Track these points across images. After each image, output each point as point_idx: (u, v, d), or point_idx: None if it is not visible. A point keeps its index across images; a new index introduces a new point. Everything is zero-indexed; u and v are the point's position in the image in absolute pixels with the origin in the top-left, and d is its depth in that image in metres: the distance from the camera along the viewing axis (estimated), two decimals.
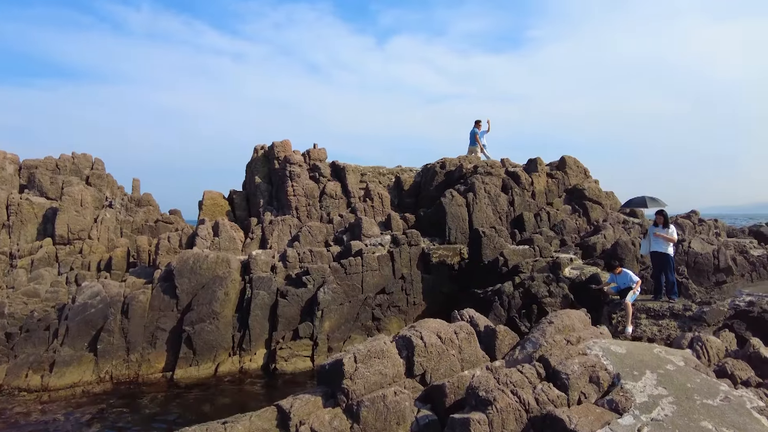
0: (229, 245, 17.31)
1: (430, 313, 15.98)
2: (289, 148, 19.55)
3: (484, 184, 18.39)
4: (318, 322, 14.47)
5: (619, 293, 12.49)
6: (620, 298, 12.48)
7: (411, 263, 16.26)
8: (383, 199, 19.20)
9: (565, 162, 21.57)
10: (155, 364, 13.55)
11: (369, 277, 15.64)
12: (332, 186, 19.20)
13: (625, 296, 12.18)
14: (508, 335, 7.22)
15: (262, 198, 19.36)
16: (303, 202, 18.58)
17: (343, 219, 18.38)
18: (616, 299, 12.88)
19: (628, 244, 16.20)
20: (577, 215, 20.17)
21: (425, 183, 20.33)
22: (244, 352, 14.20)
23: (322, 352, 14.48)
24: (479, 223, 17.55)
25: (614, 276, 12.44)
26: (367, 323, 15.26)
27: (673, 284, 13.08)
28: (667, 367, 6.07)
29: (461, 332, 6.76)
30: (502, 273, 15.04)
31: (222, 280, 14.61)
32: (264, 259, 15.63)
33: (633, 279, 12.08)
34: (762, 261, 16.62)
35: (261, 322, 14.48)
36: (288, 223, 17.98)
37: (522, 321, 13.52)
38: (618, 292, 12.56)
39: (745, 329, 11.96)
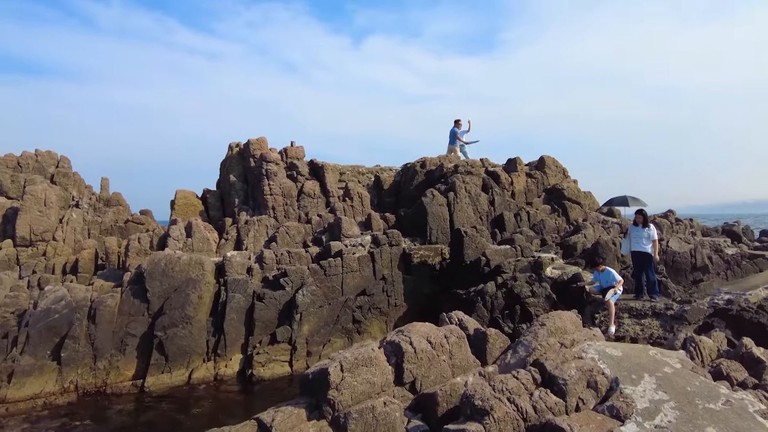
0: (203, 246, 16.66)
1: (411, 314, 15.68)
2: (266, 146, 18.96)
3: (464, 183, 18.20)
4: (296, 325, 13.99)
5: (602, 292, 12.42)
6: (602, 297, 12.42)
7: (392, 264, 15.93)
8: (363, 198, 18.81)
9: (544, 162, 21.60)
10: (124, 372, 12.85)
11: (349, 279, 15.24)
12: (310, 185, 18.71)
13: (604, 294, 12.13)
14: (499, 338, 6.94)
15: (238, 197, 18.73)
16: (280, 202, 18.04)
17: (321, 219, 17.92)
18: (598, 298, 12.83)
19: (608, 244, 16.22)
20: (556, 215, 20.18)
21: (405, 182, 20.04)
22: (219, 358, 13.62)
23: (300, 357, 14.01)
24: (460, 222, 17.34)
25: (598, 274, 12.36)
26: (348, 326, 14.85)
27: (654, 283, 13.14)
28: (664, 369, 5.87)
29: (452, 336, 6.44)
30: (484, 273, 14.84)
31: (195, 282, 13.99)
32: (239, 261, 15.06)
33: (616, 278, 12.03)
34: (736, 259, 16.87)
35: (237, 326, 13.91)
36: (264, 224, 17.43)
37: (505, 321, 13.34)
38: (600, 291, 12.50)
39: (725, 327, 12.08)
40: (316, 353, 14.22)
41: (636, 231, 12.91)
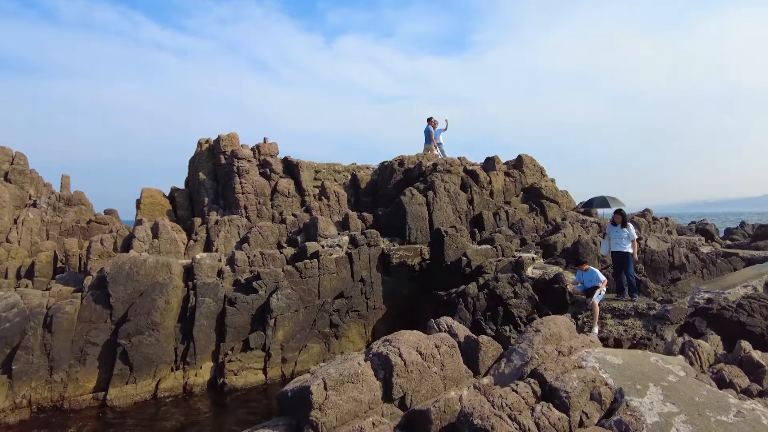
0: (171, 248, 15.78)
1: (390, 316, 15.21)
2: (237, 142, 18.15)
3: (443, 182, 17.82)
4: (271, 331, 13.31)
5: (585, 292, 12.20)
6: (586, 297, 12.20)
7: (370, 265, 15.40)
8: (340, 197, 18.21)
9: (522, 161, 21.44)
10: (84, 384, 11.94)
11: (326, 281, 14.64)
12: (285, 183, 18.00)
13: (590, 295, 11.93)
14: (491, 346, 6.51)
15: (207, 196, 17.86)
16: (252, 201, 17.27)
17: (297, 219, 17.25)
18: (582, 299, 12.63)
19: (589, 243, 16.08)
20: (534, 214, 20.02)
21: (383, 181, 19.53)
22: (188, 367, 12.83)
23: (275, 364, 13.35)
24: (439, 222, 16.95)
25: (581, 273, 12.11)
26: (325, 330, 14.25)
27: (633, 283, 13.07)
28: (669, 378, 5.54)
29: (443, 345, 5.97)
30: (465, 274, 14.48)
31: (162, 286, 13.16)
32: (209, 263, 14.28)
33: (600, 278, 11.81)
34: (711, 258, 16.99)
35: (207, 332, 13.15)
36: (236, 224, 16.65)
37: (487, 323, 12.99)
38: (584, 292, 12.28)
39: (706, 326, 12.02)
40: (291, 360, 13.58)
41: (615, 231, 12.77)
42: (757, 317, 11.96)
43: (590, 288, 11.95)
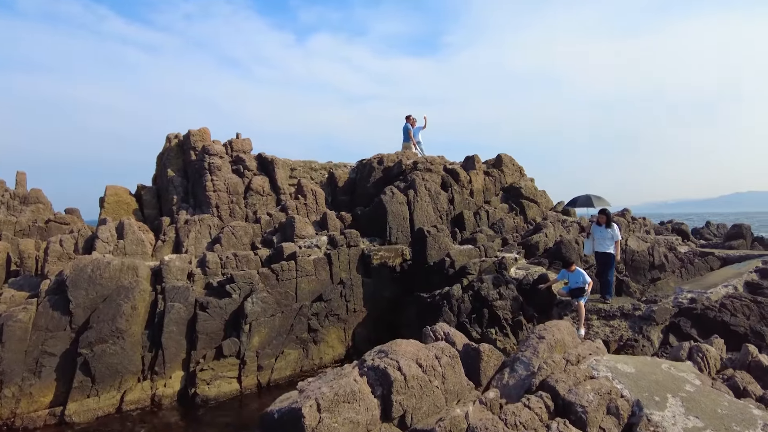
0: (137, 249, 14.81)
1: (371, 320, 14.67)
2: (208, 138, 17.24)
3: (424, 181, 17.36)
4: (245, 337, 12.56)
5: (570, 293, 11.90)
6: (571, 298, 11.91)
7: (350, 266, 14.81)
8: (317, 196, 17.52)
9: (502, 160, 21.21)
10: (40, 399, 10.94)
11: (304, 284, 13.97)
12: (259, 181, 17.19)
13: (576, 296, 11.65)
14: (493, 355, 6.03)
15: (176, 194, 16.89)
16: (225, 199, 16.42)
17: (272, 218, 16.49)
18: (566, 300, 12.39)
19: (571, 243, 15.91)
20: (514, 214, 19.80)
21: (361, 179, 18.94)
22: (156, 377, 11.96)
23: (250, 372, 12.61)
24: (420, 222, 16.49)
25: (567, 273, 11.80)
26: (303, 335, 13.58)
27: (610, 284, 12.91)
28: (686, 388, 5.18)
29: (443, 356, 5.46)
30: (448, 275, 14.06)
31: (128, 291, 12.25)
32: (179, 266, 13.42)
33: (586, 279, 11.55)
34: (689, 257, 17.08)
35: (177, 339, 12.30)
36: (207, 223, 15.78)
37: (473, 326, 12.59)
38: (569, 293, 11.99)
39: (690, 327, 11.94)
40: (267, 367, 12.86)
41: (599, 231, 12.57)
42: (740, 317, 11.94)
43: (575, 289, 11.67)
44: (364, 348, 14.55)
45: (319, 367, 13.74)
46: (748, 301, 12.42)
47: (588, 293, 11.73)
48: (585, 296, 11.64)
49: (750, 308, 12.22)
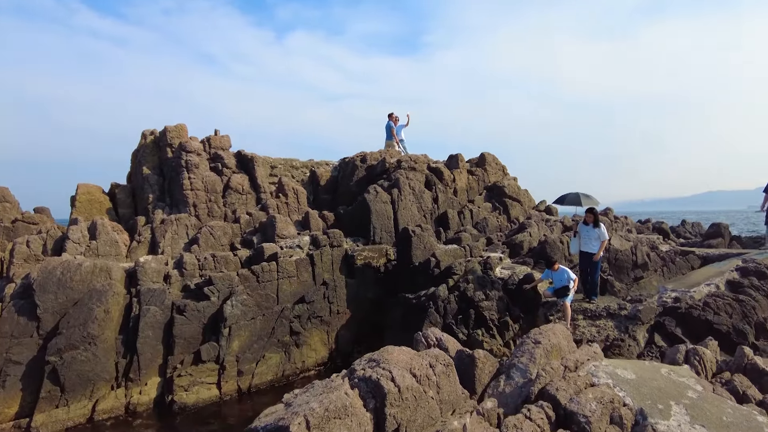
0: (110, 250, 14.19)
1: (355, 321, 14.35)
2: (185, 134, 16.65)
3: (408, 179, 17.10)
4: (225, 341, 12.12)
5: (555, 293, 11.76)
6: (556, 297, 11.77)
7: (333, 267, 14.45)
8: (299, 194, 17.10)
9: (485, 159, 21.09)
10: (4, 410, 10.30)
11: (285, 285, 13.56)
12: (238, 179, 16.68)
13: (561, 296, 11.51)
14: (488, 362, 5.78)
15: (152, 192, 16.29)
16: (202, 198, 15.88)
17: (252, 218, 16.01)
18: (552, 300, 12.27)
19: (556, 242, 15.84)
20: (497, 213, 19.71)
21: (344, 178, 18.58)
22: (131, 384, 11.43)
23: (230, 377, 12.17)
24: (405, 221, 16.23)
25: (551, 272, 11.65)
26: (285, 339, 13.18)
27: (596, 285, 12.87)
28: (689, 394, 5.01)
29: (438, 365, 5.18)
30: (433, 275, 13.82)
31: (101, 294, 11.69)
32: (155, 267, 12.89)
33: (571, 276, 11.40)
34: (670, 256, 17.18)
35: (153, 344, 11.79)
36: (184, 223, 15.22)
37: (459, 327, 12.37)
38: (554, 292, 11.85)
39: (675, 326, 11.94)
40: (248, 372, 12.44)
41: (586, 230, 12.48)
42: (723, 315, 11.99)
43: (560, 288, 11.53)
44: (347, 350, 14.25)
45: (302, 371, 13.37)
46: (731, 300, 12.49)
47: (574, 291, 11.58)
48: (571, 294, 11.51)
49: (732, 307, 12.28)
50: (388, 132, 21.07)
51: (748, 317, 12.30)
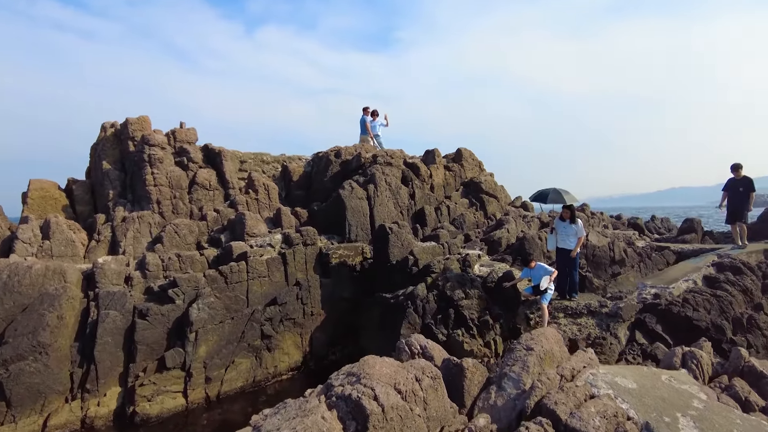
0: (66, 251, 13.23)
1: (330, 323, 13.76)
2: (149, 127, 15.69)
3: (384, 175, 16.56)
4: (191, 346, 11.38)
5: (535, 291, 11.39)
6: (535, 295, 11.40)
7: (307, 266, 13.82)
8: (270, 190, 16.36)
9: (462, 154, 20.73)
10: None
11: (256, 286, 12.88)
12: (205, 174, 15.83)
13: (539, 293, 11.13)
14: (477, 371, 5.32)
15: (112, 188, 15.30)
16: (167, 194, 14.99)
17: (220, 215, 15.22)
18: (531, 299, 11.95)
19: (534, 239, 15.59)
20: (474, 209, 19.39)
21: (317, 173, 17.92)
22: (88, 395, 10.59)
23: (197, 385, 11.43)
24: (381, 218, 15.70)
25: (529, 270, 11.30)
26: (255, 343, 12.50)
27: (575, 283, 12.67)
28: (694, 404, 4.65)
29: (424, 378, 4.68)
30: (412, 273, 13.36)
31: (54, 298, 10.78)
32: (115, 268, 12.03)
33: (548, 269, 11.05)
34: (647, 252, 17.16)
35: (112, 352, 10.96)
36: (147, 221, 14.34)
37: (438, 328, 11.95)
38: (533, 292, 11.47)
39: (655, 323, 11.81)
40: (216, 379, 11.73)
41: (563, 227, 12.24)
42: (702, 311, 11.92)
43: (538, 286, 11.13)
44: (322, 353, 13.66)
45: (274, 376, 12.72)
46: (709, 296, 12.44)
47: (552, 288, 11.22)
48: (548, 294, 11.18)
49: (710, 302, 12.23)
50: (362, 127, 20.50)
51: (726, 313, 12.27)
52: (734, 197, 14.43)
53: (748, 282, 13.91)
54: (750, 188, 14.27)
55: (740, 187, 14.33)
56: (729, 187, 14.56)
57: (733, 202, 14.48)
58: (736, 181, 14.35)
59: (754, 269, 14.57)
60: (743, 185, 14.28)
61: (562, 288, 12.51)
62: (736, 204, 14.45)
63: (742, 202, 14.33)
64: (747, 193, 14.29)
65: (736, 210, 14.53)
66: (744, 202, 14.33)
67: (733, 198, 14.46)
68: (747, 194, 14.28)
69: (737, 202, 14.41)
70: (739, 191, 14.36)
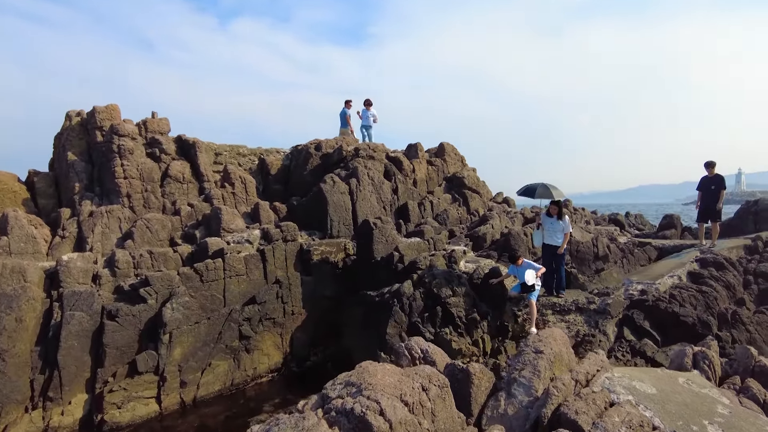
0: (26, 247, 12.30)
1: (311, 322, 13.23)
2: (118, 116, 14.78)
3: (367, 169, 16.06)
4: (165, 349, 10.69)
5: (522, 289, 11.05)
6: (523, 292, 11.06)
7: (287, 263, 13.23)
8: (247, 184, 15.66)
9: (444, 149, 20.40)
10: None
11: (233, 285, 12.23)
12: (178, 166, 15.02)
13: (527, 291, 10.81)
14: (484, 377, 4.90)
15: (79, 181, 14.36)
16: (138, 187, 14.15)
17: (194, 209, 14.48)
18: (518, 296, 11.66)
19: (520, 234, 15.35)
20: (457, 204, 19.08)
21: (297, 167, 17.28)
22: (51, 404, 9.81)
23: (172, 389, 10.76)
24: (364, 213, 15.20)
25: (515, 268, 10.97)
26: (233, 344, 11.86)
27: (562, 279, 12.46)
28: (719, 410, 4.35)
29: (431, 387, 4.23)
30: (397, 270, 12.91)
31: (12, 299, 9.96)
32: (81, 266, 11.23)
33: (536, 266, 10.74)
34: (629, 247, 17.15)
35: (78, 356, 10.19)
36: (117, 215, 13.51)
37: (425, 326, 11.55)
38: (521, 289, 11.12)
39: (643, 319, 11.68)
40: (192, 383, 11.07)
41: (550, 222, 12.01)
42: (688, 307, 11.86)
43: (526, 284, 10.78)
44: (303, 354, 13.11)
45: (253, 379, 12.12)
46: (695, 291, 12.40)
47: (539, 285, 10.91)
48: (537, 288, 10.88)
49: (696, 298, 12.19)
50: (342, 119, 19.95)
51: (711, 308, 12.24)
52: (707, 196, 14.14)
53: (730, 277, 13.97)
54: (721, 186, 14.02)
55: (712, 185, 14.11)
56: (702, 186, 14.23)
57: (706, 200, 14.19)
58: (709, 179, 14.02)
59: (736, 264, 14.66)
60: (715, 183, 13.99)
61: (548, 285, 12.29)
62: (708, 202, 14.17)
63: (714, 200, 14.03)
64: (718, 191, 14.11)
65: (709, 208, 14.24)
66: (716, 200, 14.01)
67: (706, 196, 14.16)
68: (719, 192, 14.10)
69: (709, 201, 14.12)
70: (711, 189, 14.11)
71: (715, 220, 14.55)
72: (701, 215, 14.72)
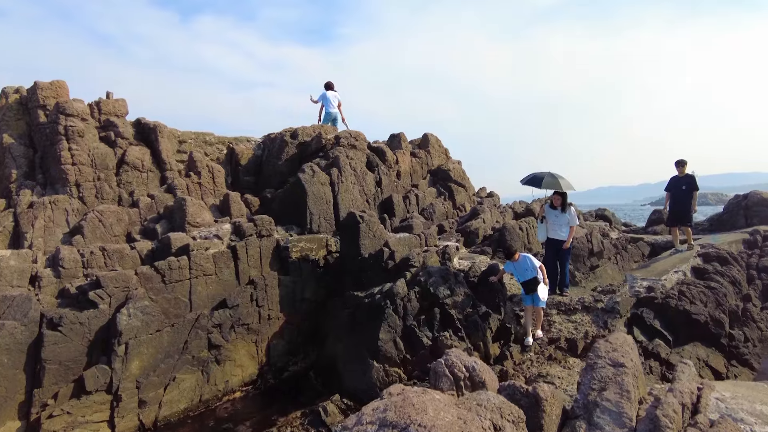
0: None
1: (291, 328, 11.77)
2: (66, 94, 12.85)
3: (349, 159, 14.68)
4: (120, 362, 9.02)
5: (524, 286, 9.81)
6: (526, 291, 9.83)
7: (262, 262, 11.71)
8: (215, 173, 14.02)
9: (428, 140, 19.25)
10: None
11: (201, 286, 10.64)
12: (137, 152, 13.22)
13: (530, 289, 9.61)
14: (555, 401, 3.67)
15: (17, 168, 12.39)
16: (89, 175, 12.31)
17: (155, 201, 12.76)
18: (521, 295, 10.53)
19: (515, 228, 14.32)
20: (443, 198, 17.97)
21: (270, 157, 15.73)
22: None
23: (129, 410, 9.08)
24: (346, 206, 13.84)
25: (512, 264, 9.72)
26: (202, 354, 10.26)
27: (566, 276, 11.53)
28: None
29: (506, 426, 2.95)
30: (387, 268, 11.62)
31: None
32: (15, 266, 9.45)
33: (535, 263, 9.53)
34: (622, 243, 16.44)
35: (9, 374, 8.42)
36: (63, 207, 11.66)
37: (422, 330, 10.30)
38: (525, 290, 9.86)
39: (653, 317, 10.88)
40: (153, 401, 9.42)
41: (554, 215, 11.02)
42: (699, 304, 11.10)
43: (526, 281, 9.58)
44: (281, 364, 11.59)
45: (225, 394, 10.56)
46: (703, 288, 11.70)
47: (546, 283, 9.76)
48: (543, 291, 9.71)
49: (706, 295, 11.47)
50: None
51: (722, 305, 11.53)
52: (677, 197, 13.00)
53: (735, 272, 13.36)
54: (693, 186, 12.75)
55: (683, 185, 12.84)
56: (672, 186, 13.12)
57: (676, 202, 13.07)
58: (679, 179, 12.92)
59: (738, 259, 14.09)
60: (686, 183, 12.80)
61: (552, 282, 11.24)
62: (679, 205, 13.03)
63: (684, 201, 12.88)
64: (690, 192, 13.13)
65: (681, 211, 13.08)
66: (688, 202, 12.82)
67: (676, 198, 13.04)
68: (690, 193, 13.13)
69: (681, 203, 12.98)
70: (681, 190, 12.85)
71: (685, 223, 13.38)
72: (672, 219, 13.60)
